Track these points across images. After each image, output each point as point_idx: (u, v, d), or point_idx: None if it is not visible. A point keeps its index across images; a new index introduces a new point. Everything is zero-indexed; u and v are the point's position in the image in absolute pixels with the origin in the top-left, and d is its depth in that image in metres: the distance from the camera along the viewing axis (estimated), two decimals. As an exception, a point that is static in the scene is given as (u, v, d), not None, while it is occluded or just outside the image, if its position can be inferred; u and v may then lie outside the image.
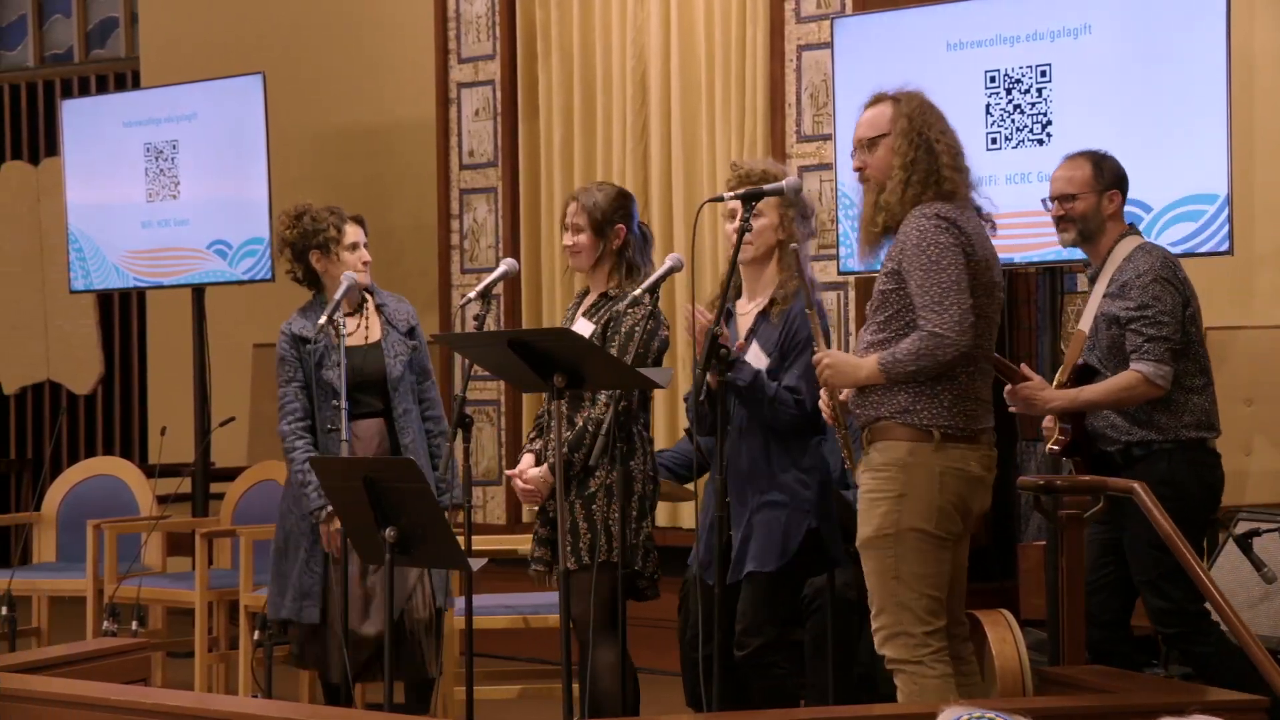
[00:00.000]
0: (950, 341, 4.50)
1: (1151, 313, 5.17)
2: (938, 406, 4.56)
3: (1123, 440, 5.26)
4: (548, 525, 5.40)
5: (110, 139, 8.58)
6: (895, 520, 4.56)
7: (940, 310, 4.50)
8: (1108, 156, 5.41)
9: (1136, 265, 5.24)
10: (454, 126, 8.29)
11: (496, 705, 6.34)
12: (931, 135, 4.63)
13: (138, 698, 4.85)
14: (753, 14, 7.48)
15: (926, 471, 4.56)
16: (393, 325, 5.97)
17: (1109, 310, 5.25)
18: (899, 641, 4.57)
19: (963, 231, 4.56)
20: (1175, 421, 5.22)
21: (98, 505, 7.63)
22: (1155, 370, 5.15)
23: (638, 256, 5.42)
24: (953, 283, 4.51)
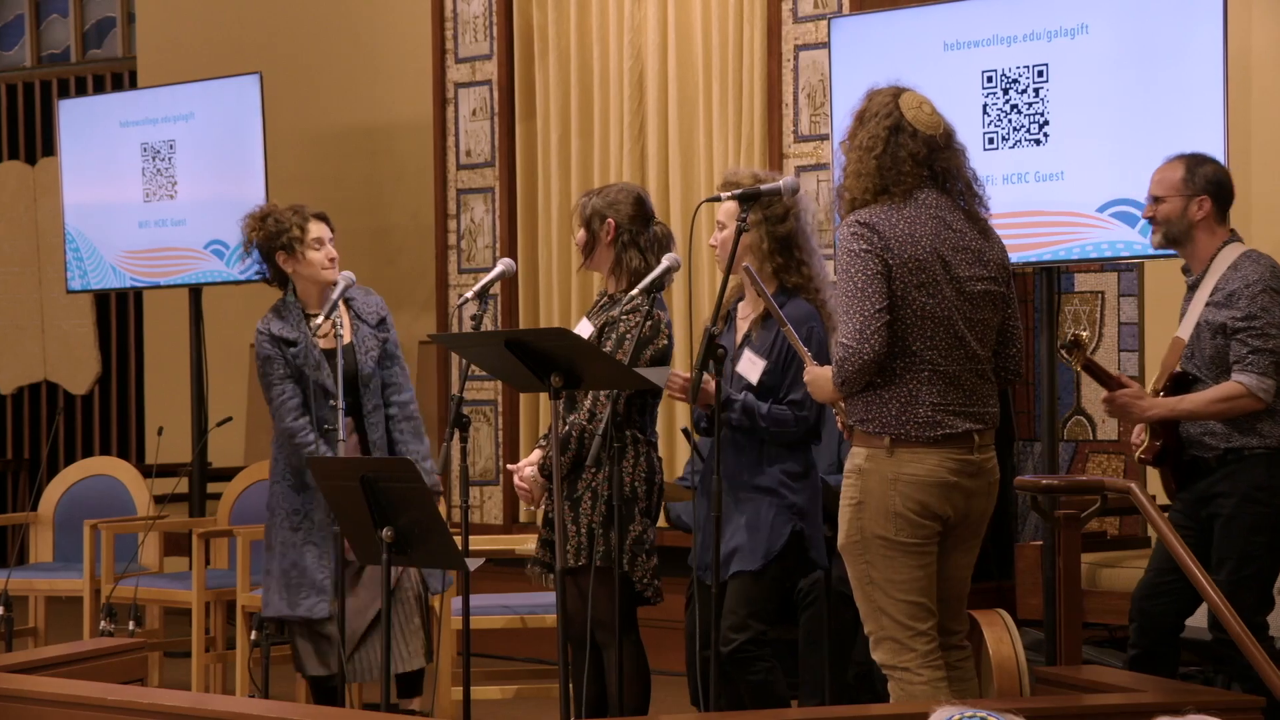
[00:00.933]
0: (853, 350, 4.43)
1: (1259, 324, 5.08)
2: (885, 414, 4.50)
3: (1221, 447, 5.17)
4: (547, 526, 5.42)
5: (107, 139, 8.57)
6: (859, 528, 4.54)
7: (844, 320, 4.46)
8: (1208, 161, 5.32)
9: (1245, 274, 5.15)
10: (451, 126, 8.29)
11: (493, 705, 6.34)
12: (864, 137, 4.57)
13: (134, 698, 4.85)
14: (750, 14, 7.48)
15: (880, 478, 4.51)
16: (363, 320, 5.99)
17: (1214, 319, 5.15)
18: (885, 646, 4.57)
19: (878, 234, 4.47)
20: (1277, 430, 5.14)
21: (95, 505, 7.63)
22: (1259, 383, 5.07)
23: (637, 254, 5.41)
24: (856, 290, 4.44)
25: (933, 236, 4.50)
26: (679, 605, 5.62)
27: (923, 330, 4.48)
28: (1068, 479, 5.19)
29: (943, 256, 4.50)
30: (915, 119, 4.58)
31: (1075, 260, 6.37)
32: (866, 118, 4.60)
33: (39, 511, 7.82)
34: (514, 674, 6.70)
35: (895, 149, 4.55)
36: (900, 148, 4.55)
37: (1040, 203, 6.26)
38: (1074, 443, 7.36)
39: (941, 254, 4.50)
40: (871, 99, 4.64)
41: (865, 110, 4.62)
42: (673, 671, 6.51)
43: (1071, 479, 5.18)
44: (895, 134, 4.56)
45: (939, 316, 4.49)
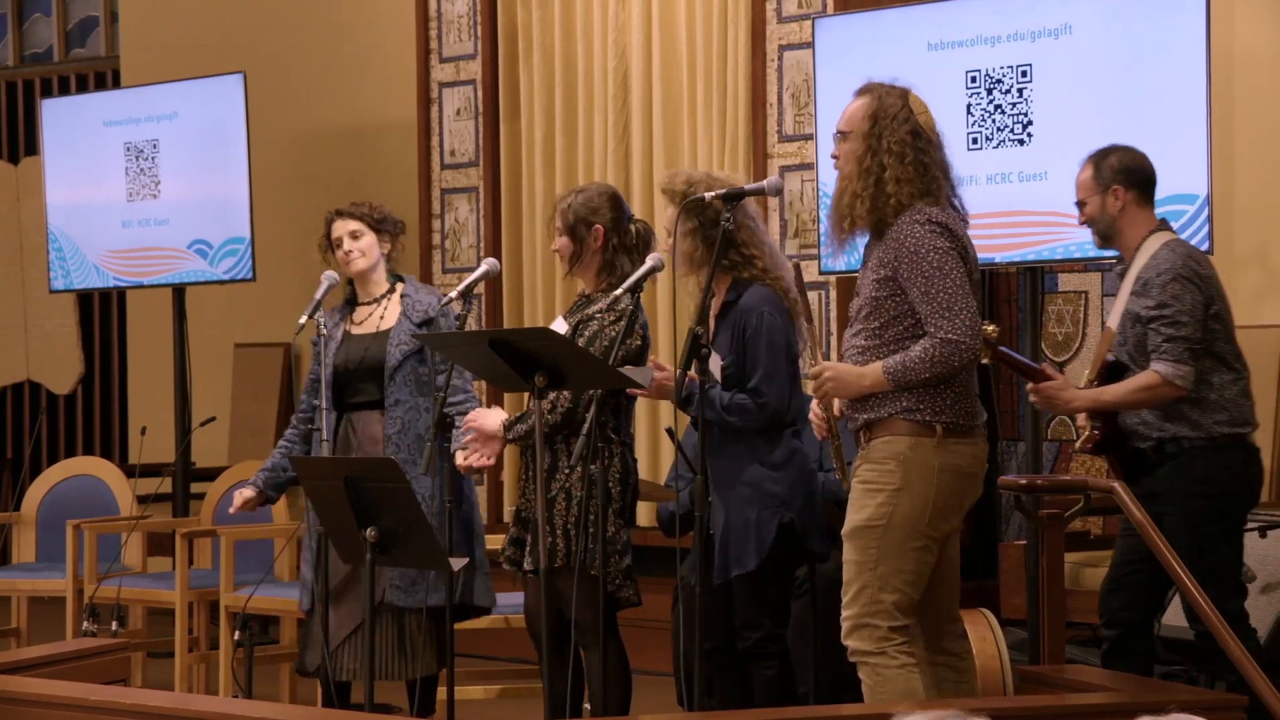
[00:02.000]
0: (966, 347, 4.54)
1: (1170, 312, 5.13)
2: (940, 403, 4.58)
3: (1154, 437, 5.20)
4: (519, 524, 5.42)
5: (90, 138, 8.55)
6: (889, 513, 4.57)
7: (951, 316, 4.53)
8: (1113, 151, 5.35)
9: (1159, 263, 5.19)
10: (435, 126, 8.28)
11: (477, 705, 6.34)
12: (890, 141, 4.61)
13: (117, 698, 4.84)
14: (734, 14, 7.48)
15: (925, 467, 4.57)
16: (408, 316, 5.92)
17: (1133, 308, 5.21)
18: (864, 633, 4.58)
19: (955, 235, 4.59)
20: (1206, 418, 5.17)
21: (78, 505, 7.61)
22: (1174, 370, 5.11)
23: (622, 256, 5.41)
24: (957, 287, 4.55)
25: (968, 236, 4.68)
26: (662, 605, 5.62)
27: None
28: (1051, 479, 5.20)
29: (976, 256, 4.70)
30: (926, 124, 4.68)
31: (1059, 260, 6.38)
32: (882, 118, 4.62)
33: (21, 511, 7.80)
34: (498, 674, 6.70)
35: (921, 154, 4.64)
36: (924, 153, 4.65)
37: (1024, 203, 6.27)
38: (1057, 442, 7.37)
39: (974, 254, 4.69)
40: (881, 98, 4.66)
41: (879, 111, 4.64)
42: (654, 671, 6.51)
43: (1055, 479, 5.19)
44: (917, 138, 4.64)
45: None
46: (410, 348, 5.82)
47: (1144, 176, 5.34)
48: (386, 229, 5.99)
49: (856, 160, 4.65)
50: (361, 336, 5.88)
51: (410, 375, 5.82)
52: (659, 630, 6.34)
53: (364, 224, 5.93)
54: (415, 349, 5.83)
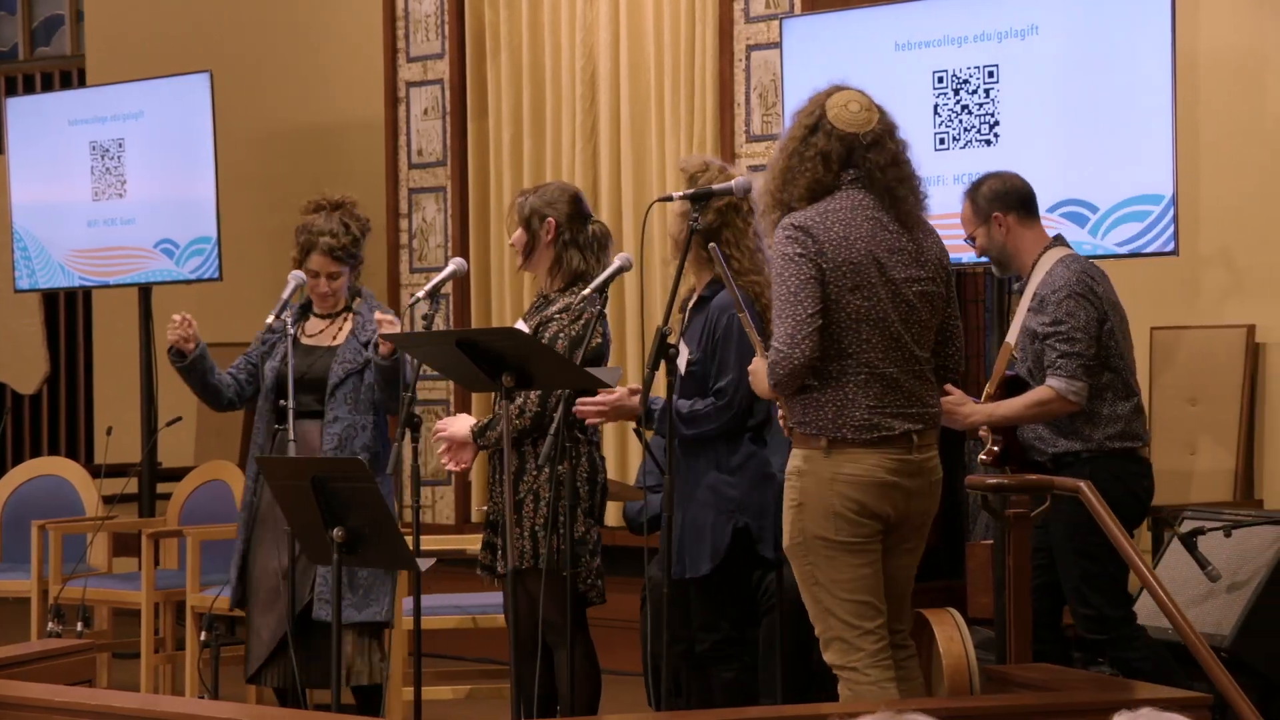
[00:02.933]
0: (784, 355, 4.43)
1: (1065, 329, 5.23)
2: (823, 416, 4.49)
3: (1050, 452, 5.34)
4: (490, 528, 5.42)
5: (56, 137, 8.52)
6: (801, 529, 4.55)
7: (778, 324, 4.46)
8: (985, 180, 5.45)
9: (1054, 280, 5.30)
10: (403, 125, 8.27)
11: (444, 706, 6.33)
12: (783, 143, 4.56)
13: (83, 699, 4.82)
14: (702, 14, 7.49)
15: (817, 479, 4.51)
16: (355, 334, 5.92)
17: (1030, 325, 5.32)
18: (834, 647, 4.57)
19: (812, 237, 4.45)
20: (1099, 433, 5.30)
21: (43, 505, 7.58)
22: (1067, 386, 5.22)
23: (572, 250, 5.40)
24: (789, 295, 4.44)
25: (868, 238, 4.48)
26: (630, 605, 5.63)
27: (858, 333, 4.48)
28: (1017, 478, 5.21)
29: (878, 258, 4.48)
30: (837, 118, 4.53)
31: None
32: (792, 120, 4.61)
33: (-14, 512, 7.77)
34: (465, 674, 6.69)
35: (806, 148, 4.53)
36: (810, 147, 4.52)
37: (991, 203, 6.27)
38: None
39: (876, 255, 4.48)
40: (806, 102, 4.65)
41: (796, 112, 4.63)
42: (623, 671, 6.52)
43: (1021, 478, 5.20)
44: (810, 133, 4.54)
45: (874, 319, 4.48)
46: (353, 366, 5.83)
47: (1020, 197, 5.42)
48: (359, 262, 6.01)
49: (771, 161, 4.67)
50: (311, 348, 5.87)
51: (350, 393, 5.84)
52: (628, 630, 6.34)
53: (344, 266, 5.92)
54: (358, 368, 5.83)
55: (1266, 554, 5.81)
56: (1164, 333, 6.75)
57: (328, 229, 5.89)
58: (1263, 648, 5.71)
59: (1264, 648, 5.72)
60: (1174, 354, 6.74)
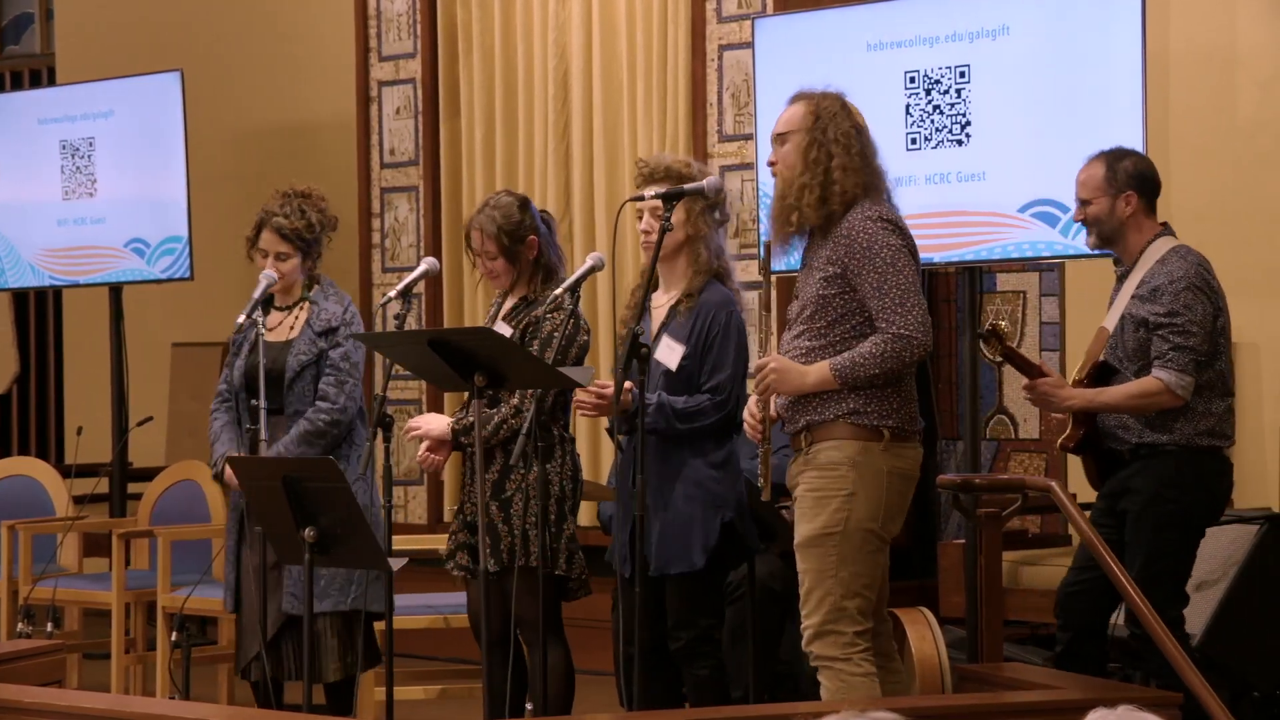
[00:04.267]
0: (918, 343, 4.54)
1: (1181, 320, 5.09)
2: (887, 406, 4.59)
3: (1133, 441, 5.18)
4: (466, 529, 5.40)
5: (25, 136, 8.48)
6: (844, 519, 4.57)
7: (904, 312, 4.53)
8: (1127, 155, 5.33)
9: (1171, 270, 5.16)
10: (375, 125, 8.26)
11: (417, 705, 6.32)
12: (834, 136, 4.62)
13: (53, 700, 4.80)
14: (674, 14, 7.49)
15: (875, 472, 4.58)
16: (310, 324, 5.89)
17: (1137, 312, 5.16)
18: (829, 640, 4.58)
19: (905, 233, 4.62)
20: (1190, 428, 5.14)
21: (12, 505, 7.54)
22: (1178, 380, 5.07)
23: (551, 255, 5.43)
24: (910, 284, 4.55)
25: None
26: (604, 604, 5.62)
27: None
28: (989, 477, 5.23)
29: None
30: (863, 125, 4.72)
31: (997, 260, 6.41)
32: (824, 116, 4.64)
33: (-44, 512, 7.72)
34: (438, 674, 6.68)
35: (866, 147, 4.67)
36: (867, 146, 4.68)
37: (962, 203, 6.29)
38: (996, 441, 7.41)
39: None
40: (819, 101, 4.68)
41: (819, 109, 4.65)
42: (597, 670, 6.51)
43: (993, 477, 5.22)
44: (860, 133, 4.65)
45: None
46: (308, 358, 5.79)
47: (1155, 186, 5.32)
48: (314, 252, 5.95)
49: (801, 154, 4.64)
50: (271, 343, 5.84)
51: (309, 385, 5.79)
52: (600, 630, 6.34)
53: (293, 246, 5.87)
54: (313, 358, 5.80)
55: (1237, 553, 5.83)
56: (1135, 332, 6.76)
57: (282, 211, 5.88)
58: (1233, 647, 5.73)
59: (1234, 647, 5.73)
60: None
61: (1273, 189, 6.62)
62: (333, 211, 6.06)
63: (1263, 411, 6.60)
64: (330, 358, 5.81)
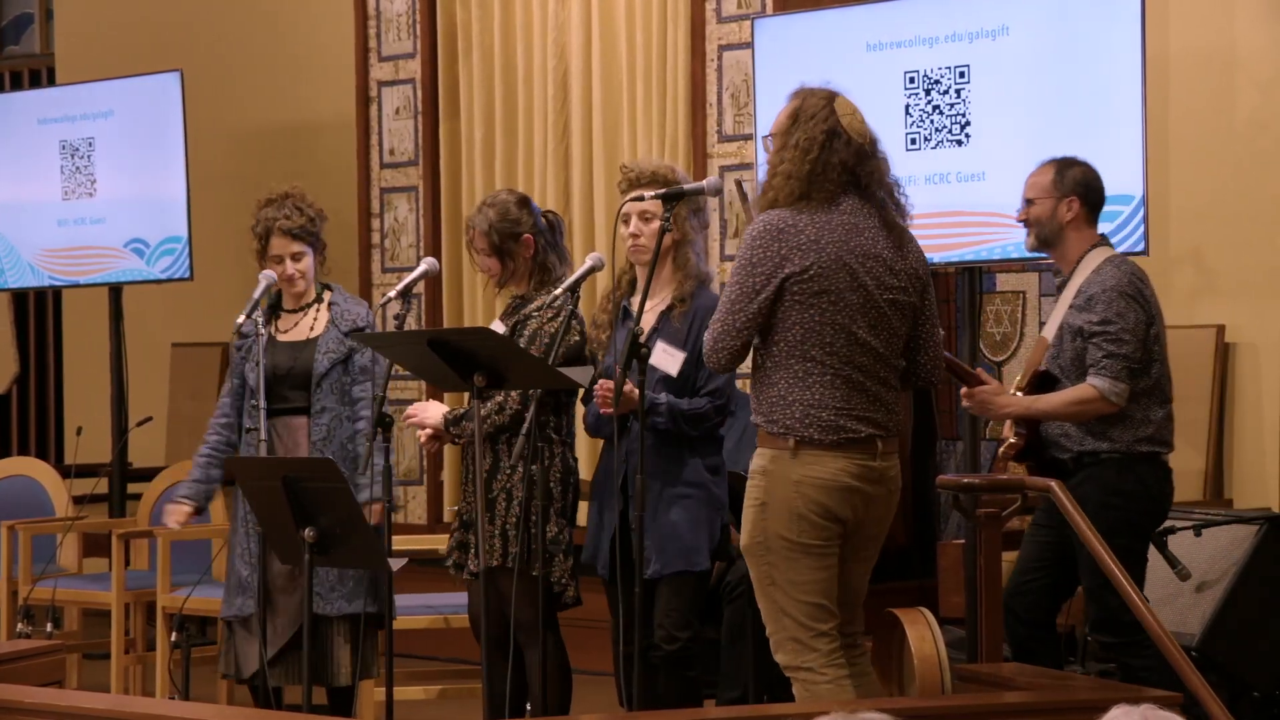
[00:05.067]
0: (709, 352, 4.58)
1: (1114, 329, 5.16)
2: (790, 415, 4.54)
3: (1074, 449, 5.26)
4: (462, 527, 5.42)
5: (25, 136, 8.48)
6: (762, 528, 4.57)
7: (717, 316, 4.57)
8: (1075, 164, 5.39)
9: (1104, 278, 5.23)
10: (374, 125, 8.26)
11: (417, 705, 6.32)
12: (801, 136, 4.56)
13: (53, 700, 4.80)
14: (674, 14, 7.49)
15: (783, 480, 4.54)
16: (336, 325, 5.90)
17: (1073, 322, 5.24)
18: (788, 648, 4.59)
19: (780, 241, 4.50)
20: (1129, 435, 5.22)
21: (12, 506, 7.54)
22: (1111, 387, 5.15)
23: (551, 254, 5.42)
24: (729, 299, 4.54)
25: (839, 244, 4.52)
26: (601, 604, 5.62)
27: (822, 336, 4.52)
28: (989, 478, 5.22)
29: (849, 265, 4.52)
30: (849, 126, 4.60)
31: (997, 260, 6.41)
32: (802, 118, 4.60)
33: (-45, 512, 7.72)
34: (437, 674, 6.68)
35: (829, 154, 4.56)
36: (834, 153, 4.57)
37: (962, 203, 6.30)
38: (995, 442, 7.41)
39: (847, 262, 4.52)
40: (805, 99, 4.64)
41: (800, 110, 4.62)
42: (595, 671, 6.51)
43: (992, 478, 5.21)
44: (831, 139, 4.57)
45: (839, 324, 4.52)
46: (337, 356, 5.81)
47: (1098, 197, 5.39)
48: (320, 245, 5.97)
49: (770, 158, 4.65)
50: (289, 343, 5.84)
51: (335, 384, 5.82)
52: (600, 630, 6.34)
53: (306, 244, 5.89)
54: (341, 358, 5.82)
55: (1236, 553, 5.84)
56: (1134, 333, 6.76)
57: (280, 214, 5.89)
58: (1232, 647, 5.74)
59: (1233, 647, 5.74)
60: (1144, 354, 6.75)
61: (1272, 190, 6.62)
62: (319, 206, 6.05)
63: (1262, 412, 6.61)
64: (360, 361, 5.86)
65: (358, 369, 5.85)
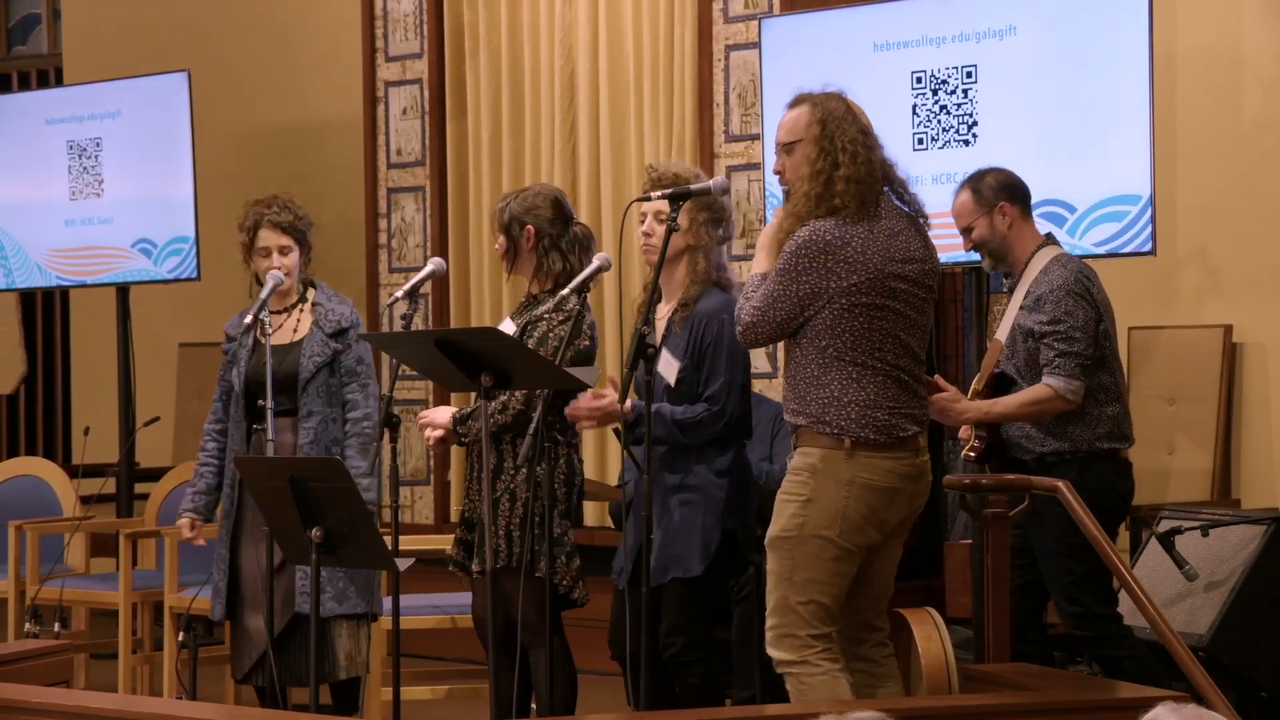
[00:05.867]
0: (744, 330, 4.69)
1: (1064, 328, 5.24)
2: (846, 416, 4.58)
3: (1037, 451, 5.35)
4: (464, 526, 5.43)
5: (33, 136, 8.49)
6: (799, 524, 4.59)
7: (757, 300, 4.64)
8: (989, 172, 5.47)
9: (1051, 278, 5.30)
10: (381, 125, 8.26)
11: (423, 705, 6.33)
12: (843, 140, 4.60)
13: (60, 700, 4.81)
14: (680, 14, 7.49)
15: (836, 480, 4.58)
16: (319, 326, 5.89)
17: (1024, 323, 5.32)
18: (786, 643, 4.61)
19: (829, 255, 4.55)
20: (1088, 433, 5.31)
21: (20, 506, 7.55)
22: (1066, 385, 5.23)
23: (553, 254, 5.41)
24: (771, 293, 4.61)
25: (883, 255, 4.60)
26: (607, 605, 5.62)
27: (872, 343, 4.60)
28: (995, 478, 5.22)
29: (892, 274, 4.60)
30: (869, 125, 4.67)
31: (1002, 261, 6.40)
32: (831, 121, 4.61)
33: (-37, 512, 7.73)
34: (444, 674, 6.69)
35: (871, 154, 4.63)
36: (874, 152, 4.65)
37: (969, 203, 6.28)
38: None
39: (891, 272, 4.60)
40: (823, 103, 4.65)
41: (826, 115, 4.63)
42: (601, 671, 6.51)
43: (999, 478, 5.21)
44: (867, 137, 4.64)
45: (884, 329, 4.61)
46: (323, 359, 5.80)
47: (1023, 191, 5.48)
48: (307, 245, 5.96)
49: (810, 164, 4.63)
50: (275, 347, 5.82)
51: (322, 386, 5.81)
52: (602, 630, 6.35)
53: (293, 239, 5.89)
54: (327, 360, 5.81)
55: (1243, 553, 5.83)
56: (1141, 333, 6.76)
57: (269, 210, 5.91)
58: (1239, 647, 5.73)
59: (1241, 647, 5.73)
60: (1152, 354, 6.75)
61: (1278, 188, 6.62)
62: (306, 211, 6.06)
63: (1269, 412, 6.60)
64: (345, 364, 5.83)
65: (344, 371, 5.84)
